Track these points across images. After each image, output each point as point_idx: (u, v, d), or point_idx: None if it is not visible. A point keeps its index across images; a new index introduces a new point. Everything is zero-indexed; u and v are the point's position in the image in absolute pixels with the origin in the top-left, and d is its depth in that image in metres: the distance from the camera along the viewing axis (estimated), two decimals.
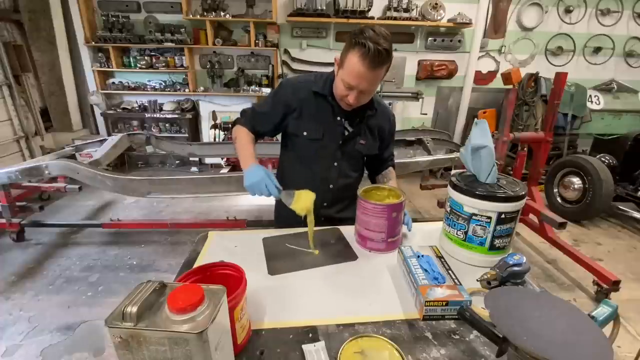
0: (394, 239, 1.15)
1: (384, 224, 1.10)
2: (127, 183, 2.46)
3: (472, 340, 0.79)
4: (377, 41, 1.01)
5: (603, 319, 0.79)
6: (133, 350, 0.56)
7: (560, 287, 2.54)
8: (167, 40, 4.31)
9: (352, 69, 1.06)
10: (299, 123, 1.26)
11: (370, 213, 1.11)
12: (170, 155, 4.55)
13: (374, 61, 1.03)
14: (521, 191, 1.04)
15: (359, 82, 1.08)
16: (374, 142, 1.33)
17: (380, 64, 1.05)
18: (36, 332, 1.99)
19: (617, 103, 4.24)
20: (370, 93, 1.15)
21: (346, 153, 1.30)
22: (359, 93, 1.11)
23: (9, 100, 3.79)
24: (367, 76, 1.06)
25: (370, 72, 1.05)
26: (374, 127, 1.31)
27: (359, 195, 1.15)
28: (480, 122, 1.13)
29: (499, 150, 2.78)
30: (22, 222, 2.83)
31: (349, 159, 1.32)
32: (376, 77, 1.08)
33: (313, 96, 1.24)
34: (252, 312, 0.83)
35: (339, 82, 1.14)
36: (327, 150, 1.28)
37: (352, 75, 1.07)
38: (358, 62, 1.04)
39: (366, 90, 1.11)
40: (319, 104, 1.24)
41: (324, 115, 1.25)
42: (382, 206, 1.09)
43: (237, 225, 2.83)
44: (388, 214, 1.09)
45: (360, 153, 1.33)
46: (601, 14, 4.59)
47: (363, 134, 1.29)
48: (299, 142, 1.29)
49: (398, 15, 4.28)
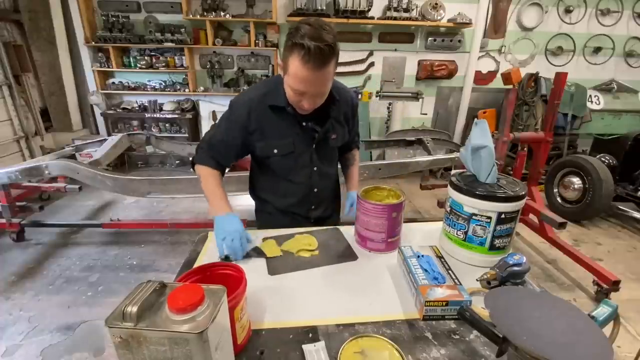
0: (393, 239, 1.14)
1: (384, 224, 1.10)
2: (127, 183, 2.46)
3: (472, 340, 0.79)
4: (315, 37, 0.90)
5: (603, 319, 0.79)
6: (133, 350, 0.56)
7: (560, 287, 2.54)
8: (167, 40, 4.32)
9: (296, 75, 0.96)
10: (265, 143, 1.17)
11: (370, 213, 1.11)
12: (170, 155, 4.55)
13: (317, 61, 0.92)
14: (521, 191, 1.04)
15: (308, 87, 0.99)
16: (343, 130, 1.29)
17: (325, 63, 0.94)
18: (36, 332, 1.99)
19: (617, 103, 4.24)
20: (324, 94, 1.06)
21: (321, 154, 1.26)
22: (311, 97, 1.03)
23: (9, 100, 3.79)
24: (314, 79, 0.96)
25: (316, 73, 0.95)
26: (339, 116, 1.26)
27: (358, 195, 1.15)
28: (480, 122, 1.13)
29: (499, 150, 2.78)
30: (22, 222, 2.83)
31: (325, 158, 1.29)
32: (325, 77, 0.99)
33: (270, 110, 1.14)
34: (252, 312, 0.83)
35: (287, 89, 1.05)
36: (303, 158, 1.23)
37: (297, 81, 0.98)
38: (300, 66, 0.93)
39: (318, 92, 1.03)
40: (280, 116, 1.14)
41: (289, 126, 1.16)
42: (382, 206, 1.09)
43: None
44: (388, 214, 1.09)
45: (334, 148, 1.31)
46: (601, 14, 4.59)
47: (332, 128, 1.23)
48: (272, 161, 1.22)
49: (398, 15, 4.28)
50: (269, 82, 1.20)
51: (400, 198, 1.14)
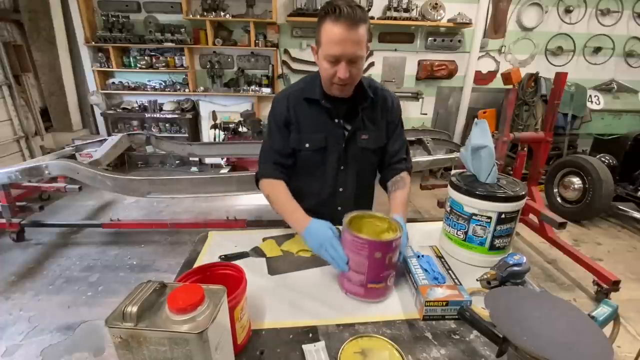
0: (376, 285, 0.91)
1: (363, 263, 0.88)
2: (127, 183, 2.46)
3: (472, 340, 0.79)
4: (346, 2, 0.95)
5: (603, 319, 0.79)
6: (133, 350, 0.56)
7: (560, 287, 2.54)
8: (167, 40, 4.31)
9: (330, 37, 0.97)
10: (300, 137, 1.18)
11: (347, 245, 0.92)
12: (170, 155, 4.55)
13: (350, 18, 0.94)
14: (521, 191, 1.04)
15: (343, 49, 0.97)
16: (378, 133, 1.22)
17: (357, 21, 0.95)
18: (36, 332, 1.99)
19: (617, 103, 4.24)
20: (358, 62, 1.03)
21: (351, 154, 1.22)
22: (347, 63, 1.00)
23: (9, 100, 3.79)
24: (348, 38, 0.96)
25: (350, 32, 0.95)
26: (376, 118, 1.20)
27: (344, 221, 0.95)
28: (480, 122, 1.13)
29: (499, 150, 2.78)
30: (22, 222, 2.83)
31: (355, 159, 1.24)
32: (358, 39, 0.97)
33: (307, 104, 1.16)
34: (252, 312, 0.83)
35: (322, 63, 1.04)
36: (333, 156, 1.21)
37: (332, 44, 0.98)
38: (334, 27, 0.96)
39: (352, 55, 0.99)
40: (314, 110, 1.16)
41: (323, 121, 1.17)
42: (363, 241, 0.87)
43: (237, 225, 2.83)
44: (369, 252, 0.87)
45: (365, 149, 1.22)
46: (601, 14, 4.58)
47: (363, 127, 1.19)
48: (302, 155, 1.21)
49: (398, 15, 4.28)
50: (307, 78, 1.22)
51: (396, 234, 0.92)
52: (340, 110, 1.16)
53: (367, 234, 0.93)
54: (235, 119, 4.54)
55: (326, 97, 1.14)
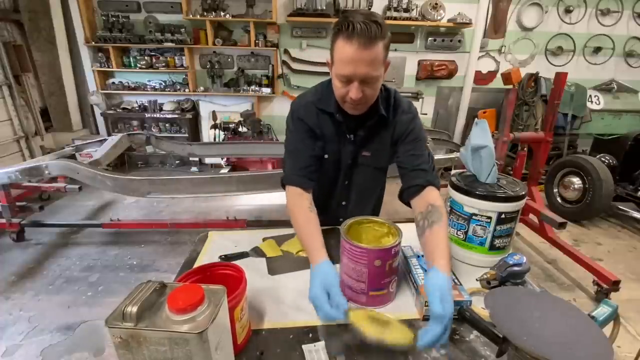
0: (378, 292, 0.89)
1: (363, 272, 0.86)
2: (127, 183, 2.46)
3: (472, 340, 0.79)
4: (362, 14, 0.88)
5: (603, 319, 0.79)
6: (133, 351, 0.56)
7: (560, 287, 2.54)
8: (167, 40, 4.31)
9: (342, 56, 0.90)
10: (322, 143, 1.12)
11: (346, 254, 0.88)
12: (170, 155, 4.55)
13: (364, 36, 0.85)
14: (521, 191, 1.04)
15: (355, 69, 0.90)
16: (383, 151, 1.14)
17: (372, 40, 0.86)
18: (36, 332, 1.99)
19: (617, 103, 4.24)
20: (373, 83, 0.94)
21: (355, 169, 1.19)
22: (360, 84, 0.92)
23: (9, 100, 3.79)
24: (360, 58, 0.88)
25: (363, 51, 0.87)
26: (383, 135, 1.12)
27: (342, 229, 0.91)
28: (480, 122, 1.13)
29: (499, 150, 2.78)
30: (22, 222, 2.83)
31: (358, 176, 1.20)
32: (373, 58, 0.89)
33: (327, 115, 1.10)
34: (252, 312, 0.83)
35: (335, 81, 0.97)
36: (341, 170, 1.19)
37: (344, 63, 0.90)
38: (346, 45, 0.87)
39: (366, 77, 0.91)
40: (331, 123, 1.11)
41: (338, 134, 1.12)
42: (361, 250, 0.84)
43: (237, 225, 2.83)
44: (368, 260, 0.84)
45: (369, 167, 1.18)
46: (601, 14, 4.58)
47: (367, 145, 1.14)
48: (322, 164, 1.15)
49: (398, 15, 4.28)
50: (322, 87, 1.14)
51: (396, 239, 0.88)
52: (352, 125, 1.10)
53: (367, 240, 0.93)
54: (235, 119, 4.54)
55: (341, 111, 1.07)
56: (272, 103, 4.91)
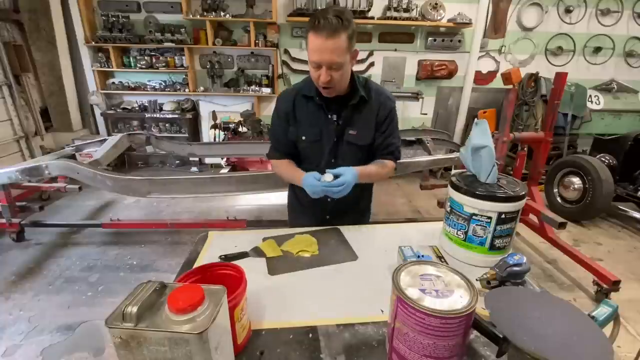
0: None
1: (455, 344, 0.63)
2: (127, 183, 2.46)
3: (472, 340, 0.79)
4: (325, 11, 1.06)
5: (603, 319, 0.79)
6: (133, 351, 0.56)
7: (560, 287, 2.54)
8: (167, 40, 4.31)
9: (312, 46, 1.08)
10: (297, 129, 1.30)
11: (431, 331, 0.62)
12: (170, 155, 4.54)
13: (327, 30, 1.03)
14: (521, 191, 1.04)
15: (321, 56, 1.08)
16: (367, 130, 1.30)
17: (334, 32, 1.04)
18: (36, 332, 1.99)
19: (617, 103, 4.24)
20: (338, 68, 1.12)
21: (341, 148, 1.31)
22: (327, 69, 1.10)
23: (9, 100, 3.78)
24: (325, 47, 1.06)
25: (327, 41, 1.05)
26: (367, 115, 1.28)
27: (399, 288, 0.68)
28: (481, 122, 1.13)
29: (499, 150, 2.78)
30: (22, 222, 2.83)
31: (344, 153, 1.31)
32: (336, 47, 1.07)
33: (304, 100, 1.27)
34: (252, 312, 0.83)
35: (310, 67, 1.16)
36: (326, 148, 1.31)
37: (313, 52, 1.09)
38: (314, 37, 1.06)
39: (332, 63, 1.09)
40: (310, 106, 1.28)
41: (317, 116, 1.27)
42: (459, 318, 0.61)
43: (237, 225, 2.83)
44: (466, 326, 0.64)
45: (354, 145, 1.30)
46: (601, 14, 4.58)
47: (352, 124, 1.28)
48: (300, 146, 1.33)
49: (398, 15, 4.28)
50: (307, 78, 1.29)
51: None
52: (333, 106, 1.26)
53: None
54: (235, 119, 4.53)
55: (320, 95, 1.23)
56: (272, 103, 4.89)
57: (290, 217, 1.55)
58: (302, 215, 1.45)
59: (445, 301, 0.64)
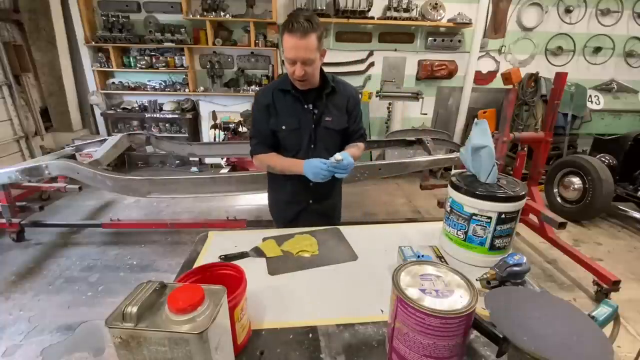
0: None
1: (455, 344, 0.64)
2: (127, 183, 2.46)
3: (472, 340, 0.79)
4: (297, 17, 1.21)
5: (603, 319, 0.79)
6: (133, 351, 0.56)
7: (560, 287, 2.54)
8: (167, 40, 4.31)
9: (287, 45, 1.23)
10: (277, 119, 1.40)
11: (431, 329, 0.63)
12: (170, 155, 4.55)
13: (299, 31, 1.19)
14: (521, 191, 1.04)
15: (295, 54, 1.22)
16: (340, 116, 1.46)
17: (305, 33, 1.20)
18: (36, 332, 1.99)
19: (617, 103, 4.24)
20: (310, 64, 1.26)
21: (319, 134, 1.43)
22: (301, 64, 1.24)
23: (9, 100, 3.79)
24: (298, 45, 1.21)
25: (300, 41, 1.20)
26: (338, 104, 1.45)
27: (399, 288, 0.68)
28: (481, 122, 1.13)
29: (499, 150, 2.78)
30: (22, 222, 2.83)
31: (322, 138, 1.44)
32: (308, 46, 1.22)
33: (282, 94, 1.40)
34: (252, 312, 0.83)
35: (285, 63, 1.30)
36: (305, 136, 1.42)
37: (289, 50, 1.23)
38: (288, 37, 1.22)
39: (305, 59, 1.23)
40: (288, 99, 1.40)
41: (295, 107, 1.40)
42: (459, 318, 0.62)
43: (237, 225, 2.83)
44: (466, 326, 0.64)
45: (331, 130, 1.45)
46: (601, 14, 4.58)
47: (328, 112, 1.43)
48: (281, 135, 1.43)
49: (398, 15, 4.28)
50: (283, 76, 1.44)
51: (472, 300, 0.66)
52: (309, 98, 1.40)
53: None
54: (235, 119, 4.53)
55: (295, 88, 1.37)
56: None
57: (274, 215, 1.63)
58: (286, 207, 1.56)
59: (445, 301, 0.65)
